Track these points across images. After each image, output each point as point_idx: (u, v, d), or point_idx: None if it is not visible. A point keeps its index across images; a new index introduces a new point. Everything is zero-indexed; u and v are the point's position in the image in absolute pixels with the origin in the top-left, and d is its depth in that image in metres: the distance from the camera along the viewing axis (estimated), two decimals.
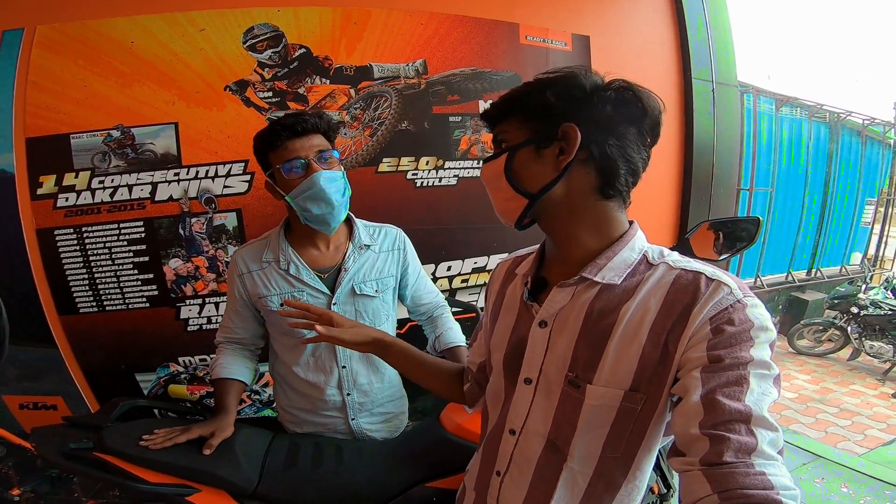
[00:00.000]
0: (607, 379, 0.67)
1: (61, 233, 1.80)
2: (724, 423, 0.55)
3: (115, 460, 1.02)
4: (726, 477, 0.53)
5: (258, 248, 1.28)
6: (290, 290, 1.23)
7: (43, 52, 1.72)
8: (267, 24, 1.79)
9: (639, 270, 0.69)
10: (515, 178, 0.72)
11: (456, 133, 2.01)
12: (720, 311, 0.61)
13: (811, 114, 6.55)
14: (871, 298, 5.46)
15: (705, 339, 0.60)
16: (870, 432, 3.73)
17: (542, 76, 0.71)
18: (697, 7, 2.35)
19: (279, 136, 1.13)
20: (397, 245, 1.35)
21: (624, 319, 0.67)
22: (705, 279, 0.64)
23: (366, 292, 1.27)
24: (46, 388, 1.93)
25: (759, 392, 0.56)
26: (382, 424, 1.36)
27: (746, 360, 0.58)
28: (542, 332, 0.74)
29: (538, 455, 0.76)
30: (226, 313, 1.33)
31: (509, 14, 2.02)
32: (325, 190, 1.13)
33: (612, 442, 0.70)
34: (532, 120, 0.70)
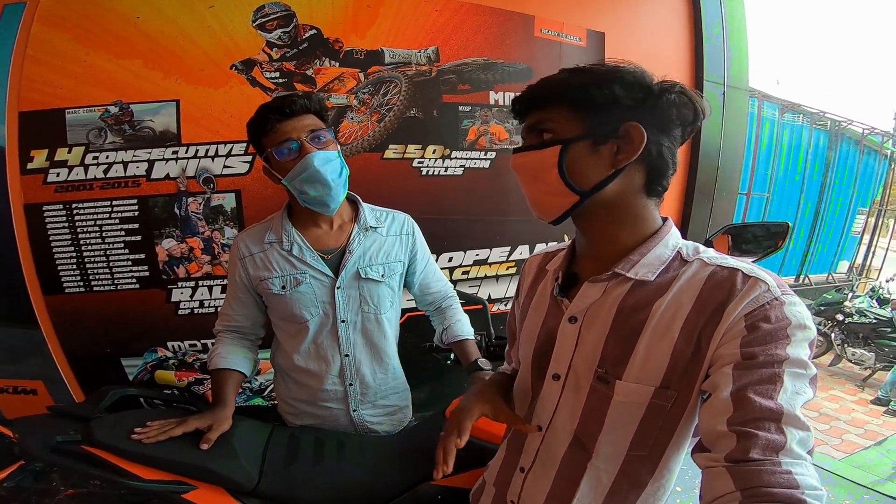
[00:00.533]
0: (637, 375, 0.66)
1: (50, 209, 1.74)
2: (753, 420, 0.53)
3: (105, 454, 0.96)
4: (751, 474, 0.51)
5: (260, 231, 1.23)
6: (293, 271, 1.19)
7: (44, 26, 1.66)
8: (278, 2, 1.73)
9: (672, 267, 0.68)
10: (568, 173, 0.67)
11: (465, 123, 1.96)
12: (756, 307, 0.59)
13: (813, 121, 6.60)
14: (856, 307, 5.57)
15: (739, 335, 0.58)
16: (847, 437, 3.81)
17: (598, 67, 0.67)
18: (715, 8, 2.31)
19: (268, 119, 1.09)
20: (406, 230, 1.30)
21: (656, 315, 0.65)
22: (742, 275, 0.62)
23: (371, 276, 1.23)
24: (26, 372, 1.87)
25: (793, 391, 0.55)
26: (385, 418, 1.32)
27: (782, 357, 0.56)
28: (571, 328, 0.73)
29: (563, 452, 0.75)
30: (226, 300, 1.27)
31: (525, 6, 1.96)
32: (320, 171, 1.09)
33: (639, 440, 0.69)
34: (589, 113, 0.66)
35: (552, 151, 0.67)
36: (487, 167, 2.01)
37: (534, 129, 0.69)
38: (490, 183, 2.01)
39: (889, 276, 6.44)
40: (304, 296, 1.19)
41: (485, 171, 2.01)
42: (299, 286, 1.19)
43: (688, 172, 2.38)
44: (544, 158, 0.67)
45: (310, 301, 1.20)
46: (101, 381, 1.86)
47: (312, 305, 1.20)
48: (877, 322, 5.37)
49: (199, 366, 1.94)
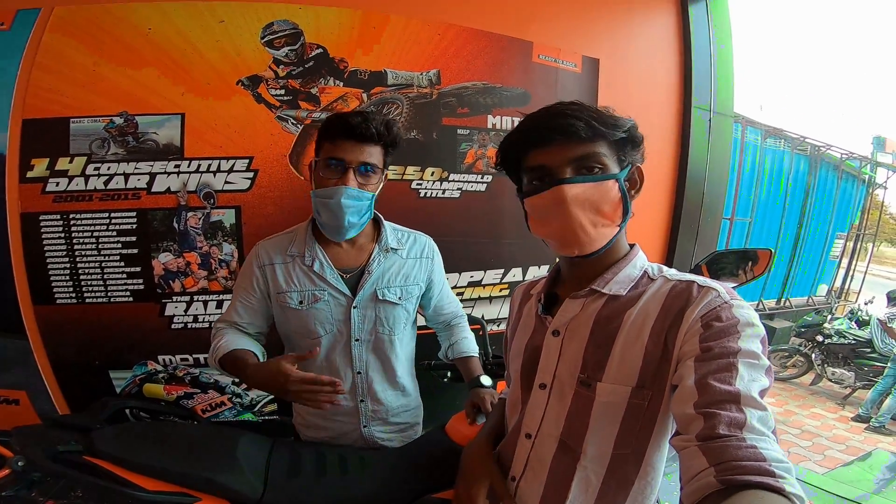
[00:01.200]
0: (615, 376, 0.74)
1: (47, 218, 1.71)
2: (716, 402, 0.60)
3: (108, 465, 0.96)
4: (720, 450, 0.56)
5: (283, 241, 1.23)
6: (312, 288, 1.19)
7: (55, 34, 1.65)
8: (287, 20, 1.75)
9: (641, 283, 0.78)
10: (624, 206, 0.77)
11: (463, 146, 1.99)
12: (710, 310, 0.69)
13: (794, 146, 6.79)
14: (835, 328, 5.71)
15: (697, 333, 0.67)
16: (829, 453, 3.90)
17: (609, 113, 0.76)
18: (704, 37, 2.39)
19: (338, 131, 1.11)
20: (426, 253, 1.32)
21: (628, 323, 0.74)
22: (697, 286, 0.73)
23: (389, 298, 1.24)
24: (9, 381, 1.82)
25: (749, 378, 0.61)
26: (396, 434, 1.33)
27: (735, 349, 0.64)
28: (555, 340, 0.81)
29: (551, 456, 0.80)
30: (232, 306, 1.24)
31: (524, 32, 2.02)
32: (341, 207, 1.11)
33: (623, 439, 0.75)
34: (623, 153, 0.77)
35: (613, 184, 0.75)
36: (484, 190, 2.04)
37: (582, 160, 0.74)
38: (486, 206, 2.04)
39: (867, 298, 6.62)
40: (321, 312, 1.20)
41: (481, 195, 2.04)
42: (317, 303, 1.20)
43: (675, 198, 2.44)
44: (607, 190, 0.74)
45: (325, 318, 1.20)
46: (87, 392, 1.84)
47: (328, 322, 1.21)
48: (856, 343, 5.52)
49: (189, 380, 1.93)
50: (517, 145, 0.79)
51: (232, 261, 1.85)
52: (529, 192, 0.78)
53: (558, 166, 0.74)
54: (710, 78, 2.44)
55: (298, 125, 1.82)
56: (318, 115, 1.82)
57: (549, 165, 0.75)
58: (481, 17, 1.95)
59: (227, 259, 1.85)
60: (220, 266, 1.85)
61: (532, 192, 0.77)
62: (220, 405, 1.98)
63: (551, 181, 0.74)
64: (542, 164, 0.76)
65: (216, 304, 1.87)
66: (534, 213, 0.79)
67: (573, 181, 0.73)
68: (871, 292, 7.09)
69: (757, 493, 0.51)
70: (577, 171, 0.74)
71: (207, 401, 1.96)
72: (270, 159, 1.81)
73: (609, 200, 0.74)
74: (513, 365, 0.91)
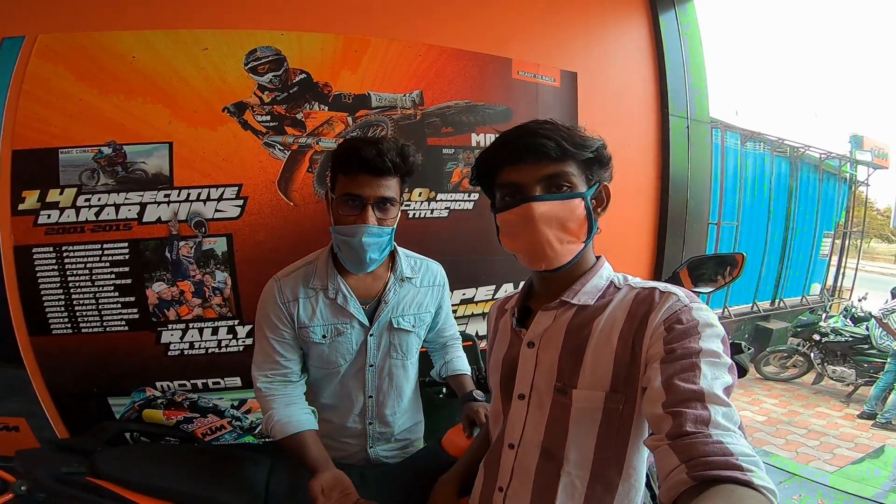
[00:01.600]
0: (589, 382, 0.77)
1: (40, 251, 1.73)
2: (682, 401, 0.62)
3: (111, 486, 0.98)
4: (689, 447, 0.58)
5: (303, 276, 1.21)
6: (335, 321, 1.20)
7: (41, 61, 1.66)
8: (270, 46, 1.79)
9: (608, 293, 0.82)
10: (590, 223, 0.80)
11: (449, 165, 2.03)
12: (671, 314, 0.72)
13: (773, 149, 6.91)
14: (831, 326, 5.73)
15: (661, 336, 0.70)
16: (838, 451, 3.88)
17: (577, 130, 0.79)
18: (676, 46, 2.48)
19: (354, 164, 1.08)
20: (438, 281, 1.34)
21: (597, 330, 0.78)
22: (658, 292, 0.77)
23: (403, 327, 1.25)
24: (9, 409, 1.82)
25: (712, 376, 0.64)
26: (399, 452, 1.34)
27: (696, 350, 0.67)
28: (530, 352, 0.84)
29: (535, 465, 0.82)
30: (264, 349, 1.20)
31: (503, 49, 2.08)
32: (363, 246, 1.10)
33: (602, 443, 0.78)
34: (591, 172, 0.81)
35: (579, 202, 0.79)
36: (471, 208, 2.08)
37: (552, 178, 0.78)
38: (474, 223, 2.08)
39: (861, 295, 6.66)
40: (342, 344, 1.21)
41: (469, 213, 2.08)
42: (340, 336, 1.20)
43: (659, 205, 2.48)
44: (574, 208, 0.78)
45: (346, 349, 1.22)
46: (86, 419, 1.83)
47: (347, 353, 1.22)
48: (853, 340, 5.54)
49: (188, 405, 1.92)
50: (491, 162, 0.82)
51: (225, 288, 1.86)
52: (501, 208, 0.81)
53: (528, 184, 0.77)
54: (684, 86, 2.51)
55: (286, 151, 1.85)
56: (305, 140, 1.86)
57: (520, 183, 0.78)
58: (461, 36, 2.02)
59: (221, 287, 1.86)
60: (214, 294, 1.87)
61: (503, 209, 0.81)
62: (221, 429, 1.98)
63: (521, 198, 0.78)
64: (513, 181, 0.79)
65: (211, 330, 1.88)
66: (504, 228, 0.82)
67: (541, 199, 0.77)
68: (865, 288, 7.14)
69: (727, 486, 0.53)
70: (546, 189, 0.78)
71: (207, 425, 1.95)
72: (259, 186, 1.84)
73: (575, 218, 0.78)
74: (492, 378, 0.95)
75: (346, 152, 1.10)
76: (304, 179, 1.88)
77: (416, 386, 1.40)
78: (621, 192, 0.87)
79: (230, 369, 1.92)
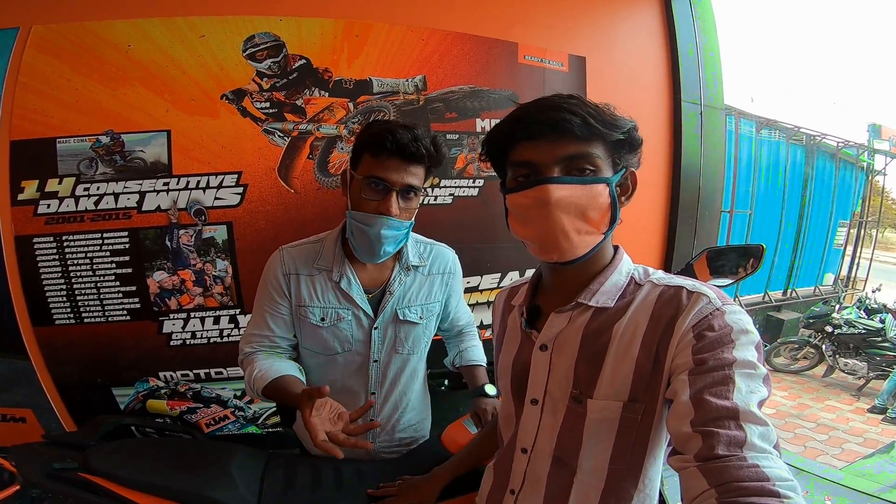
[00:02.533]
0: (606, 392, 0.70)
1: (40, 241, 1.73)
2: (713, 420, 0.56)
3: (103, 482, 0.96)
4: (720, 471, 0.53)
5: (310, 252, 1.16)
6: (337, 306, 1.14)
7: (36, 52, 1.65)
8: (268, 33, 1.76)
9: (628, 291, 0.74)
10: (613, 213, 0.71)
11: (453, 151, 1.99)
12: (701, 318, 0.65)
13: (789, 136, 6.79)
14: (844, 318, 5.65)
15: (690, 344, 0.63)
16: (847, 446, 3.84)
17: (606, 108, 0.70)
18: (689, 30, 2.40)
19: (384, 147, 1.01)
20: (449, 269, 1.27)
21: (617, 336, 0.70)
22: (686, 292, 0.68)
23: (410, 318, 1.19)
24: (15, 400, 1.84)
25: (747, 390, 0.58)
26: (401, 448, 1.30)
27: (730, 361, 0.60)
28: (543, 356, 0.77)
29: (547, 472, 0.78)
30: (256, 320, 1.17)
31: (509, 33, 2.03)
32: (380, 238, 1.05)
33: (618, 454, 0.72)
34: (617, 155, 0.71)
35: (603, 189, 0.68)
36: (476, 195, 2.04)
37: (573, 160, 0.68)
38: (479, 211, 2.04)
39: (875, 286, 6.56)
40: (342, 331, 1.16)
41: (473, 199, 2.04)
42: (340, 322, 1.15)
43: (671, 193, 2.43)
44: (596, 195, 0.68)
45: (345, 337, 1.17)
46: (91, 409, 1.86)
47: (346, 341, 1.17)
48: (866, 332, 5.46)
49: (191, 395, 1.93)
50: (505, 136, 0.72)
51: (226, 276, 1.85)
52: (512, 189, 0.72)
53: (546, 164, 0.68)
54: (697, 71, 2.44)
55: (285, 138, 1.82)
56: (305, 127, 1.83)
57: (537, 162, 0.68)
58: (465, 20, 1.96)
59: (222, 275, 1.85)
60: (215, 282, 1.86)
61: (515, 189, 0.71)
62: (224, 419, 1.99)
63: (536, 179, 0.68)
64: (529, 159, 0.69)
65: (213, 319, 1.88)
66: (515, 211, 0.73)
67: (561, 181, 0.67)
68: (879, 279, 7.03)
69: None
70: (566, 170, 0.68)
71: (211, 415, 1.96)
72: (259, 173, 1.82)
73: (597, 206, 0.69)
74: (501, 381, 0.89)
75: (379, 132, 1.03)
76: (304, 166, 1.86)
77: (424, 382, 1.35)
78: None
79: (232, 359, 1.90)
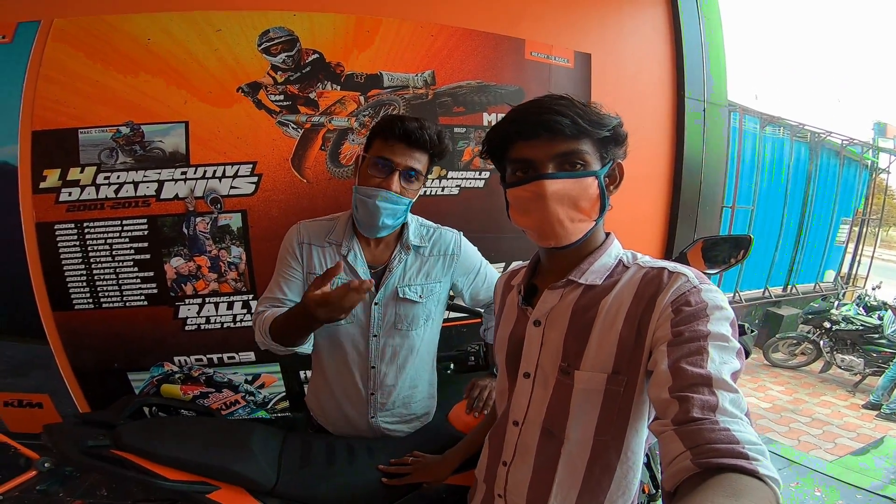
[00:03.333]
0: (592, 364, 0.77)
1: (62, 228, 1.78)
2: (689, 386, 0.61)
3: (134, 457, 1.03)
4: (694, 434, 0.57)
5: (324, 227, 1.27)
6: (342, 277, 1.20)
7: (58, 45, 1.70)
8: (282, 27, 1.80)
9: (616, 272, 0.81)
10: (602, 202, 0.79)
11: (460, 144, 2.04)
12: (679, 295, 0.71)
13: (793, 133, 6.77)
14: (843, 314, 5.69)
15: (668, 318, 0.70)
16: (840, 441, 3.88)
17: (592, 106, 0.77)
18: (695, 27, 2.43)
19: (394, 132, 1.13)
20: (451, 250, 1.33)
21: (603, 311, 0.77)
22: (667, 272, 0.75)
23: (409, 297, 1.26)
24: (33, 386, 1.90)
25: (720, 361, 0.63)
26: (402, 425, 1.35)
27: (704, 333, 0.66)
28: (536, 331, 0.84)
29: (536, 443, 0.83)
30: (272, 286, 1.27)
31: (516, 29, 2.06)
32: (378, 209, 1.14)
33: (602, 426, 0.78)
34: (604, 149, 0.78)
35: (592, 181, 0.77)
36: (482, 186, 2.09)
37: (565, 156, 0.76)
38: (485, 201, 2.09)
39: (875, 283, 6.57)
40: None
41: (480, 191, 2.09)
42: None
43: (672, 188, 2.46)
44: (586, 187, 0.77)
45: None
46: (107, 394, 1.92)
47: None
48: (864, 329, 5.49)
49: (204, 380, 2.00)
50: (504, 136, 0.79)
51: (240, 263, 1.91)
52: (512, 184, 0.80)
53: (541, 161, 0.76)
54: (701, 68, 2.47)
55: (299, 129, 1.87)
56: (318, 119, 1.88)
57: (533, 159, 0.76)
58: (473, 16, 2.00)
59: (236, 262, 1.91)
60: (230, 269, 1.91)
61: (514, 184, 0.79)
62: (235, 403, 2.05)
63: (533, 175, 0.76)
64: (526, 157, 0.77)
65: (227, 305, 1.94)
66: (515, 203, 0.81)
67: (554, 177, 0.75)
68: (880, 277, 7.04)
69: (731, 475, 0.52)
70: (559, 166, 0.76)
71: (222, 399, 2.03)
72: (273, 164, 1.87)
73: (588, 197, 0.77)
74: (498, 356, 0.95)
75: (391, 119, 1.16)
76: (317, 157, 1.91)
77: (429, 362, 1.39)
78: (634, 174, 0.84)
79: (244, 343, 1.98)
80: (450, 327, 1.96)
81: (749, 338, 1.27)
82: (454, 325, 2.04)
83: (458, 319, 2.01)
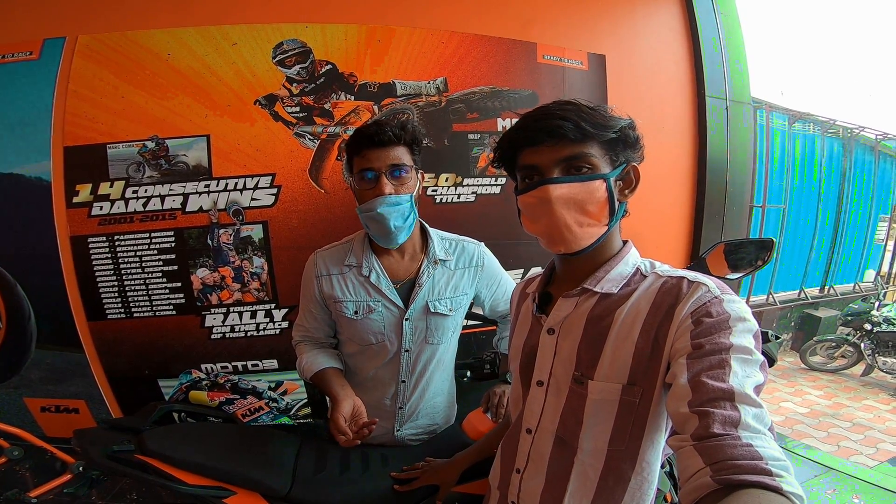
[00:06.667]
0: (606, 374, 0.75)
1: (94, 241, 1.86)
2: (710, 400, 0.59)
3: (156, 462, 1.07)
4: (715, 449, 0.56)
5: (340, 252, 1.29)
6: (367, 298, 1.24)
7: (83, 61, 1.78)
8: (296, 39, 1.85)
9: (633, 281, 0.79)
10: (611, 206, 0.77)
11: (475, 150, 2.04)
12: (699, 305, 0.69)
13: (824, 129, 6.54)
14: (884, 315, 5.44)
15: (688, 330, 0.67)
16: (882, 446, 3.71)
17: (601, 110, 0.76)
18: (711, 25, 2.39)
19: (360, 143, 1.16)
20: (475, 262, 1.34)
21: (619, 321, 0.75)
22: (687, 282, 0.73)
23: (439, 310, 1.27)
24: (69, 392, 1.99)
25: (743, 374, 0.61)
26: (425, 436, 1.37)
27: (727, 345, 0.63)
28: (550, 339, 0.83)
29: (550, 451, 0.82)
30: (301, 314, 1.34)
31: (527, 34, 2.07)
32: (385, 215, 1.15)
33: (617, 436, 0.76)
34: (615, 152, 0.77)
35: (600, 184, 0.75)
36: (498, 193, 2.09)
37: (570, 160, 0.75)
38: (502, 208, 2.09)
39: None
40: (374, 323, 1.25)
41: (496, 197, 2.09)
42: (371, 313, 1.25)
43: (696, 190, 2.41)
44: (593, 190, 0.75)
45: (378, 328, 1.25)
46: (139, 400, 1.99)
47: (379, 332, 1.26)
48: None
49: (229, 387, 2.05)
50: (511, 143, 0.80)
51: (262, 273, 1.96)
52: (520, 191, 0.80)
53: (547, 166, 0.75)
54: (722, 66, 2.42)
55: (315, 140, 1.92)
56: (333, 130, 1.92)
57: (539, 165, 0.76)
58: (483, 22, 2.02)
59: (259, 272, 1.96)
60: (252, 279, 1.96)
61: (522, 191, 0.79)
62: (259, 409, 2.09)
63: (538, 181, 0.76)
64: (532, 163, 0.77)
65: (250, 314, 1.99)
66: (524, 210, 0.81)
67: (558, 181, 0.74)
68: None
69: (754, 492, 0.51)
70: (565, 171, 0.75)
71: (247, 406, 2.07)
72: (292, 175, 1.92)
73: (595, 200, 0.75)
74: (511, 364, 0.94)
75: (354, 134, 1.19)
76: (333, 167, 1.95)
77: (450, 371, 1.41)
78: (656, 176, 0.84)
79: (267, 351, 2.02)
80: (468, 334, 1.96)
81: (773, 345, 1.22)
82: (473, 332, 2.04)
83: (476, 326, 2.01)
